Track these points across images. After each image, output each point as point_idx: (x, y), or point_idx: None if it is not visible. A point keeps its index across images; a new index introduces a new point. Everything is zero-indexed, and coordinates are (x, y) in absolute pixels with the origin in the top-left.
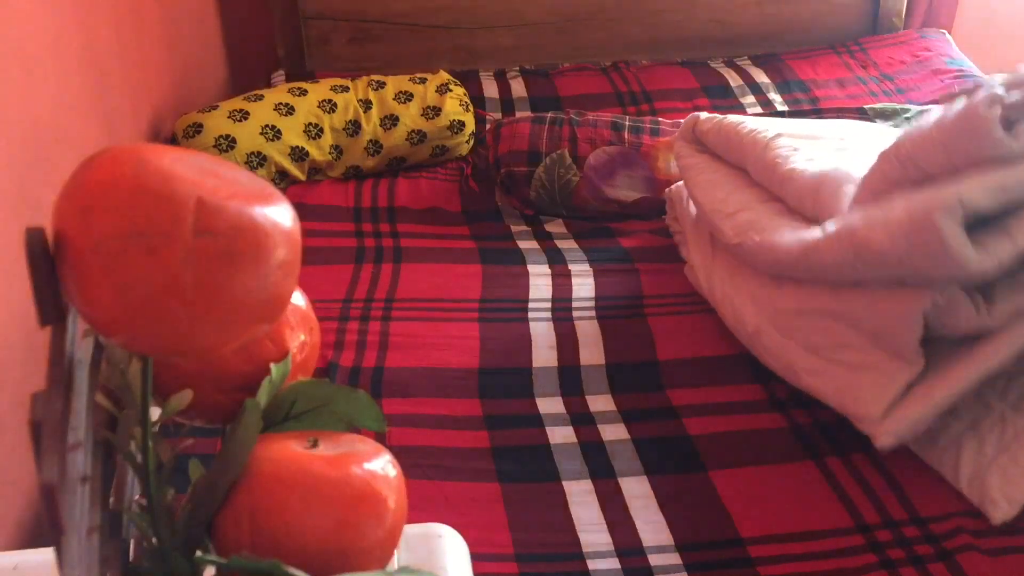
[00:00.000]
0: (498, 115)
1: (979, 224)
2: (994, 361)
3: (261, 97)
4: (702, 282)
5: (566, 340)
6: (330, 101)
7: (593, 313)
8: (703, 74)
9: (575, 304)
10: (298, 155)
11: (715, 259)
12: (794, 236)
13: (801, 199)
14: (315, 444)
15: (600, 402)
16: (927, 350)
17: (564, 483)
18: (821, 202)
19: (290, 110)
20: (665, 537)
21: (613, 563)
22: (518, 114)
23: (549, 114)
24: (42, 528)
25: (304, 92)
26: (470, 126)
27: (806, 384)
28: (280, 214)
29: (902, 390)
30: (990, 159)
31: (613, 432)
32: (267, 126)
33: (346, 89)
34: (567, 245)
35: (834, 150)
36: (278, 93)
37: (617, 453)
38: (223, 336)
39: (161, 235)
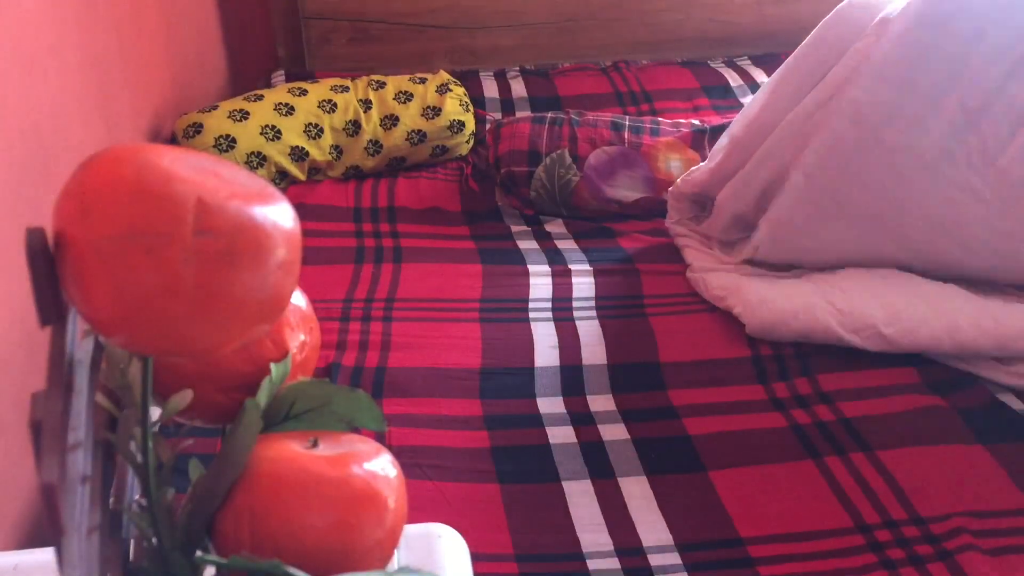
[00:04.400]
0: (498, 115)
1: None
2: None
3: (261, 97)
4: (725, 284)
5: (567, 340)
6: (330, 101)
7: (594, 313)
8: (703, 74)
9: (576, 304)
10: (298, 155)
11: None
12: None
13: None
14: (315, 444)
15: (600, 402)
16: None
17: (564, 483)
18: None
19: (290, 110)
20: (665, 537)
21: (613, 563)
22: (518, 114)
23: (549, 114)
24: (42, 528)
25: (304, 92)
26: (470, 126)
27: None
28: (280, 214)
29: None
30: None
31: (613, 432)
32: (267, 126)
33: (346, 89)
34: (567, 245)
35: None
36: (278, 93)
37: (617, 453)
38: (223, 336)
39: (161, 235)
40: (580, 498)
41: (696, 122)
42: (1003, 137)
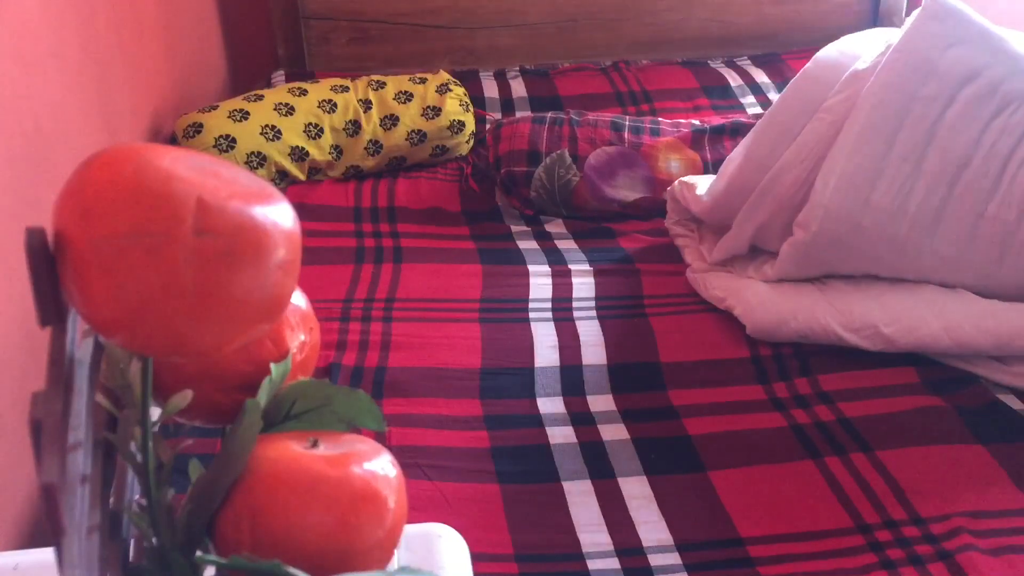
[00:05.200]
0: (498, 115)
1: None
2: None
3: (261, 97)
4: (725, 284)
5: (567, 340)
6: (330, 101)
7: (594, 313)
8: (703, 74)
9: (576, 304)
10: (298, 155)
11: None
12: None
13: None
14: (315, 444)
15: (600, 402)
16: None
17: (564, 483)
18: None
19: (290, 110)
20: (665, 537)
21: (613, 563)
22: (518, 114)
23: (549, 114)
24: (42, 528)
25: (304, 92)
26: (470, 126)
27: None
28: (280, 214)
29: None
30: None
31: (613, 432)
32: (267, 126)
33: (346, 89)
34: (567, 245)
35: None
36: (278, 93)
37: (617, 453)
38: (223, 336)
39: (161, 235)
40: (580, 498)
41: (696, 122)
42: (988, 186)
